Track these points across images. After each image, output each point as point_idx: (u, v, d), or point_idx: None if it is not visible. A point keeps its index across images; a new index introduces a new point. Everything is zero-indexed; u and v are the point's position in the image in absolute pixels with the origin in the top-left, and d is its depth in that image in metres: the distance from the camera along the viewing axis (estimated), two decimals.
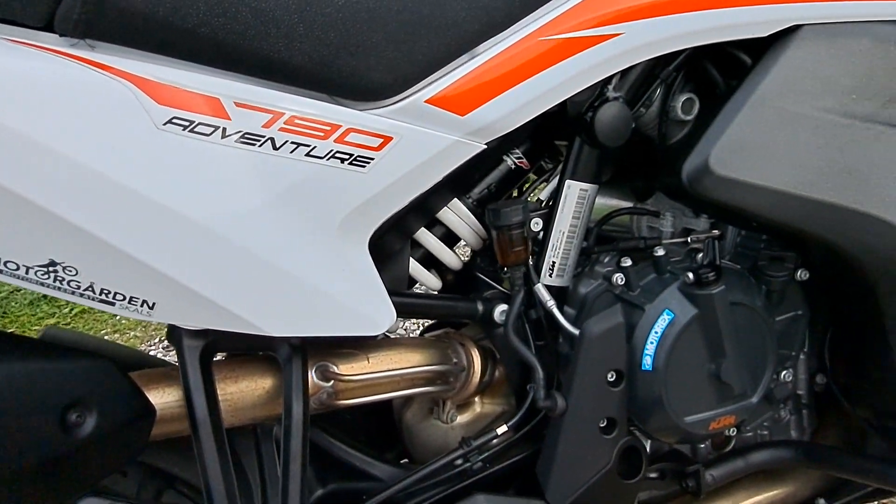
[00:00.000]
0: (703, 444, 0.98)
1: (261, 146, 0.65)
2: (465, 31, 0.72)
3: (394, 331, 0.95)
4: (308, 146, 0.67)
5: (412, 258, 0.90)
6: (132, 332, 2.63)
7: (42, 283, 0.61)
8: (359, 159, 0.69)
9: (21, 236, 0.59)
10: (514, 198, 0.97)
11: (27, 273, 0.60)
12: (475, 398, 0.96)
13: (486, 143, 0.76)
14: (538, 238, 0.89)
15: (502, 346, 0.89)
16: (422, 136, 0.72)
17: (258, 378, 0.75)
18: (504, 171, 0.92)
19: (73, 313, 2.73)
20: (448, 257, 0.92)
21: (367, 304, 0.74)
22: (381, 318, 0.75)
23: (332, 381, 0.77)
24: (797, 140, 0.79)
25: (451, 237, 0.92)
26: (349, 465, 0.89)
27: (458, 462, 0.85)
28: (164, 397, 0.71)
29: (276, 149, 0.66)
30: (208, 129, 0.63)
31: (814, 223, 0.81)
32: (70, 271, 0.61)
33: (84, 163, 0.59)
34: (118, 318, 2.65)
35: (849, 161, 0.80)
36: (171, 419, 0.71)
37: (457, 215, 0.90)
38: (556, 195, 0.88)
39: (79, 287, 0.62)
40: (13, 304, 2.76)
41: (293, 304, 0.69)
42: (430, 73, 0.71)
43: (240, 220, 0.65)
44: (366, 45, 0.68)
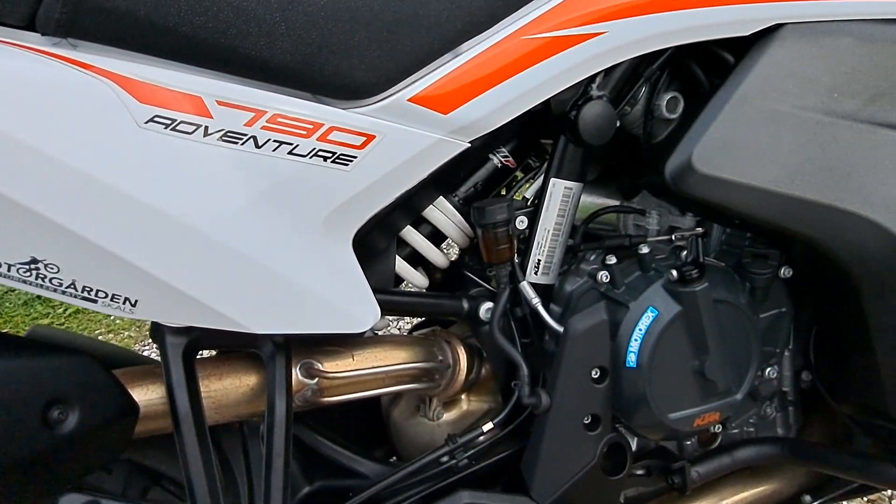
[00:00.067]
0: (689, 441, 0.98)
1: (243, 144, 0.66)
2: (447, 30, 0.72)
3: (382, 329, 0.96)
4: (291, 144, 0.67)
5: (399, 256, 0.90)
6: (126, 332, 2.63)
7: (24, 281, 0.62)
8: (342, 158, 0.70)
9: (2, 234, 0.59)
10: (500, 196, 0.98)
11: (9, 271, 0.61)
12: (462, 396, 0.96)
13: (469, 142, 0.76)
14: (524, 236, 0.89)
15: (488, 343, 0.89)
16: (405, 134, 0.72)
17: (242, 375, 0.76)
18: (490, 169, 0.92)
19: (68, 313, 2.73)
20: (434, 255, 0.93)
21: (351, 301, 0.75)
22: (365, 315, 0.76)
23: (316, 379, 0.78)
24: (779, 138, 0.80)
25: (437, 235, 0.92)
26: (336, 462, 0.89)
27: (444, 459, 0.86)
28: (147, 394, 0.71)
29: (258, 147, 0.66)
30: (190, 128, 0.63)
31: (796, 221, 0.81)
32: (52, 269, 0.61)
33: (65, 161, 0.59)
34: (112, 318, 2.65)
35: (830, 159, 0.80)
36: (156, 416, 0.71)
37: (443, 214, 0.90)
38: (541, 193, 0.88)
39: (61, 284, 0.62)
40: (7, 304, 2.76)
41: (276, 302, 0.69)
42: (412, 72, 0.72)
43: (222, 217, 0.65)
44: (348, 44, 0.68)
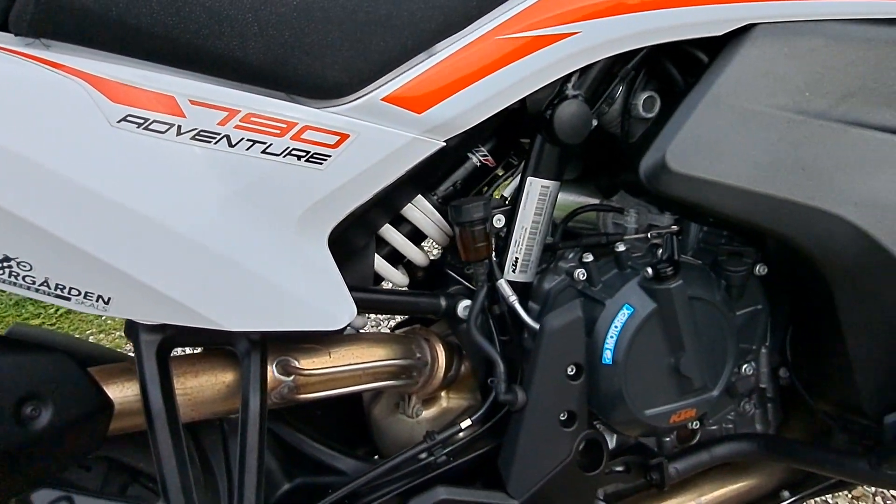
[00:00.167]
0: (668, 438, 0.99)
1: (216, 143, 0.66)
2: (421, 30, 0.73)
3: (362, 327, 0.96)
4: (264, 143, 0.68)
5: (378, 255, 0.91)
6: (118, 332, 2.63)
7: None
8: (315, 156, 0.70)
9: None
10: (480, 195, 0.98)
11: None
12: (441, 393, 0.96)
13: (445, 141, 0.77)
14: (502, 234, 0.90)
15: (466, 341, 0.89)
16: (379, 133, 0.72)
17: (218, 373, 0.76)
18: (469, 168, 0.93)
19: (59, 314, 2.73)
20: (414, 254, 0.93)
21: (326, 299, 0.75)
22: (341, 313, 0.76)
23: (292, 376, 0.78)
24: (751, 137, 0.80)
25: (417, 234, 0.93)
26: (316, 459, 0.90)
27: (423, 456, 0.86)
28: (123, 392, 0.71)
29: (231, 146, 0.67)
30: (163, 127, 0.64)
31: (768, 219, 0.82)
32: (24, 266, 0.61)
33: (37, 160, 0.60)
34: (104, 318, 2.65)
35: (802, 157, 0.81)
36: (131, 413, 0.71)
37: (422, 212, 0.90)
38: (518, 192, 0.89)
39: (34, 282, 0.62)
40: None
41: (250, 299, 0.69)
42: (386, 72, 0.72)
43: (195, 216, 0.66)
44: (321, 44, 0.69)
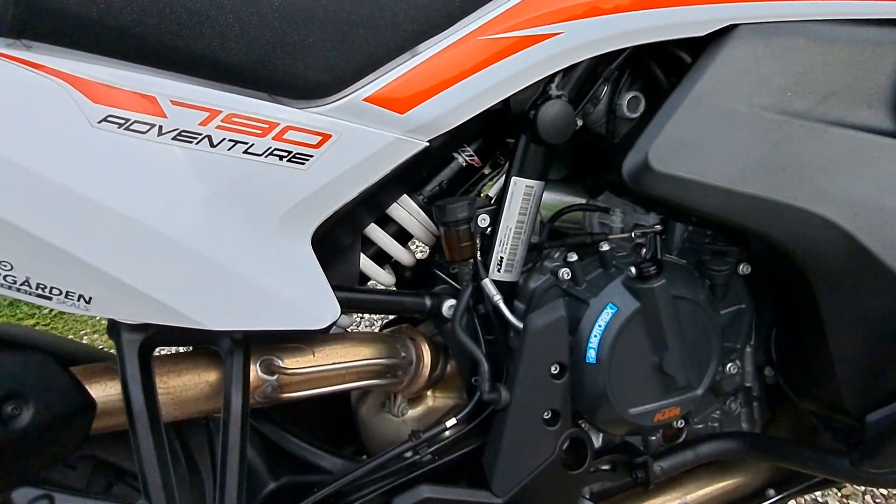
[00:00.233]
0: (653, 437, 1.00)
1: (198, 144, 0.66)
2: (403, 30, 0.73)
3: (348, 326, 0.97)
4: (246, 143, 0.68)
5: (364, 254, 0.91)
6: None
7: None
8: (298, 157, 0.71)
9: None
10: (466, 194, 0.99)
11: None
12: (427, 392, 0.97)
13: (428, 141, 0.77)
14: (487, 234, 0.90)
15: (451, 340, 0.90)
16: (361, 133, 0.73)
17: (202, 372, 0.76)
18: (455, 168, 0.93)
19: (53, 314, 2.73)
20: (400, 253, 0.94)
21: (310, 298, 0.75)
22: (325, 312, 0.76)
23: (276, 375, 0.78)
24: (733, 137, 0.81)
25: (403, 234, 0.93)
26: (302, 458, 0.90)
27: (408, 455, 0.87)
28: (106, 391, 0.71)
29: (213, 146, 0.67)
30: (144, 127, 0.64)
31: (750, 218, 0.82)
32: (5, 266, 0.61)
33: (18, 160, 0.60)
34: (98, 318, 2.65)
35: (784, 157, 0.81)
36: (115, 412, 0.71)
37: (408, 212, 0.91)
38: (503, 192, 0.89)
39: (15, 282, 0.63)
40: None
41: (231, 299, 0.70)
42: (368, 72, 0.73)
43: (176, 216, 0.66)
44: (302, 45, 0.69)
